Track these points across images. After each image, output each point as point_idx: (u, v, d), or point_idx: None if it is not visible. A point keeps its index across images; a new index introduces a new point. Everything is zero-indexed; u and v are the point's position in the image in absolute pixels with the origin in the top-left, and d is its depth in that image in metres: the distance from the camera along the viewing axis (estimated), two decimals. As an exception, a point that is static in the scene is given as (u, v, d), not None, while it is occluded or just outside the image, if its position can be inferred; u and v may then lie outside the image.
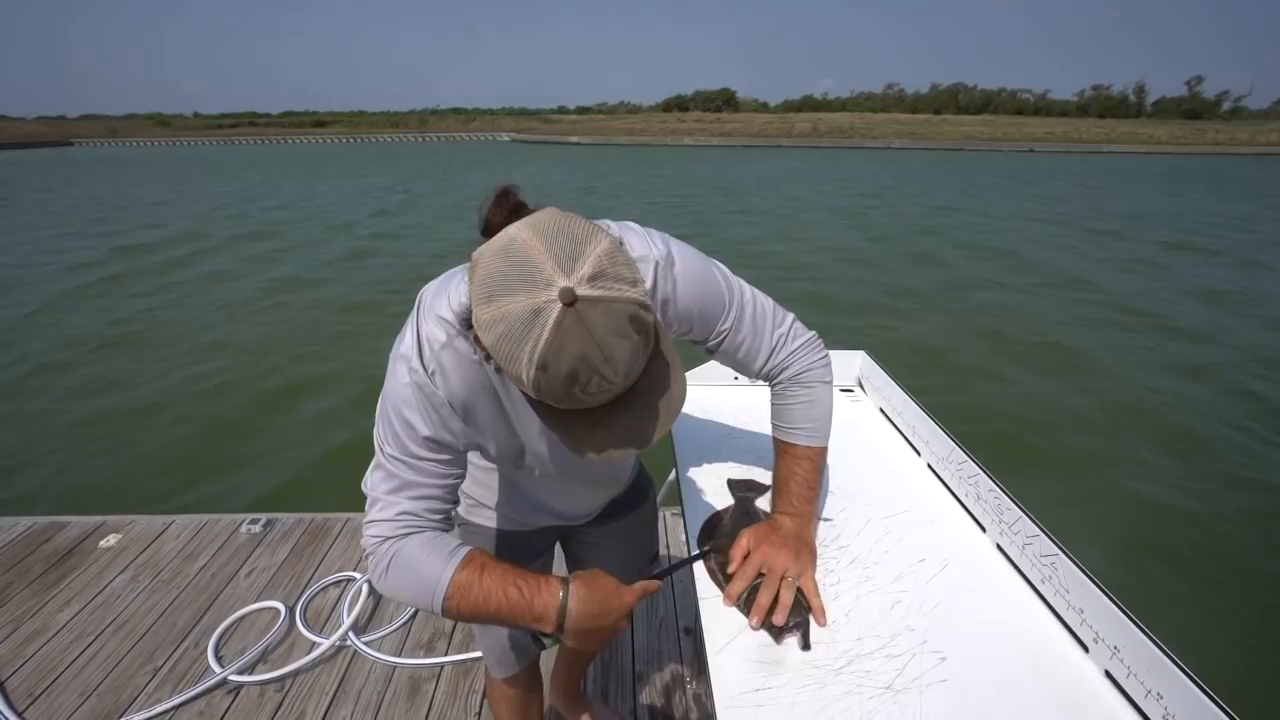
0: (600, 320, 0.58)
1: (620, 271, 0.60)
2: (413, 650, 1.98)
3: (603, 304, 0.58)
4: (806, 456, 0.97)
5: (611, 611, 0.79)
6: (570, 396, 0.61)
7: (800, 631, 0.84)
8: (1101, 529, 3.33)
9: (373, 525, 0.78)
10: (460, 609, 0.76)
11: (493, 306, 0.59)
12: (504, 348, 0.60)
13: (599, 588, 0.79)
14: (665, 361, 0.68)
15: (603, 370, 0.59)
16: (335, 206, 16.27)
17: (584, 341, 0.58)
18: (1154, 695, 0.72)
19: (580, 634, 0.78)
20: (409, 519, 0.77)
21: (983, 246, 10.88)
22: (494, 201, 0.70)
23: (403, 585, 0.76)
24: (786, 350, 0.95)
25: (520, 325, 0.58)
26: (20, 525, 2.57)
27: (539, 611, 0.76)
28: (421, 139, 75.03)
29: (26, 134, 77.80)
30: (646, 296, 0.63)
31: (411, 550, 0.76)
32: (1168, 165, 34.81)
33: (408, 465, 0.77)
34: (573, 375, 0.59)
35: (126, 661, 1.93)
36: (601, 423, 0.66)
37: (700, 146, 53.18)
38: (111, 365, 5.63)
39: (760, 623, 0.86)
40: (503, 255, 0.60)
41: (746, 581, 0.90)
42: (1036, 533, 0.93)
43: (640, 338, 0.62)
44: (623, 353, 0.60)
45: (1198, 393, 5.10)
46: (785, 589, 0.88)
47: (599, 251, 0.60)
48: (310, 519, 2.60)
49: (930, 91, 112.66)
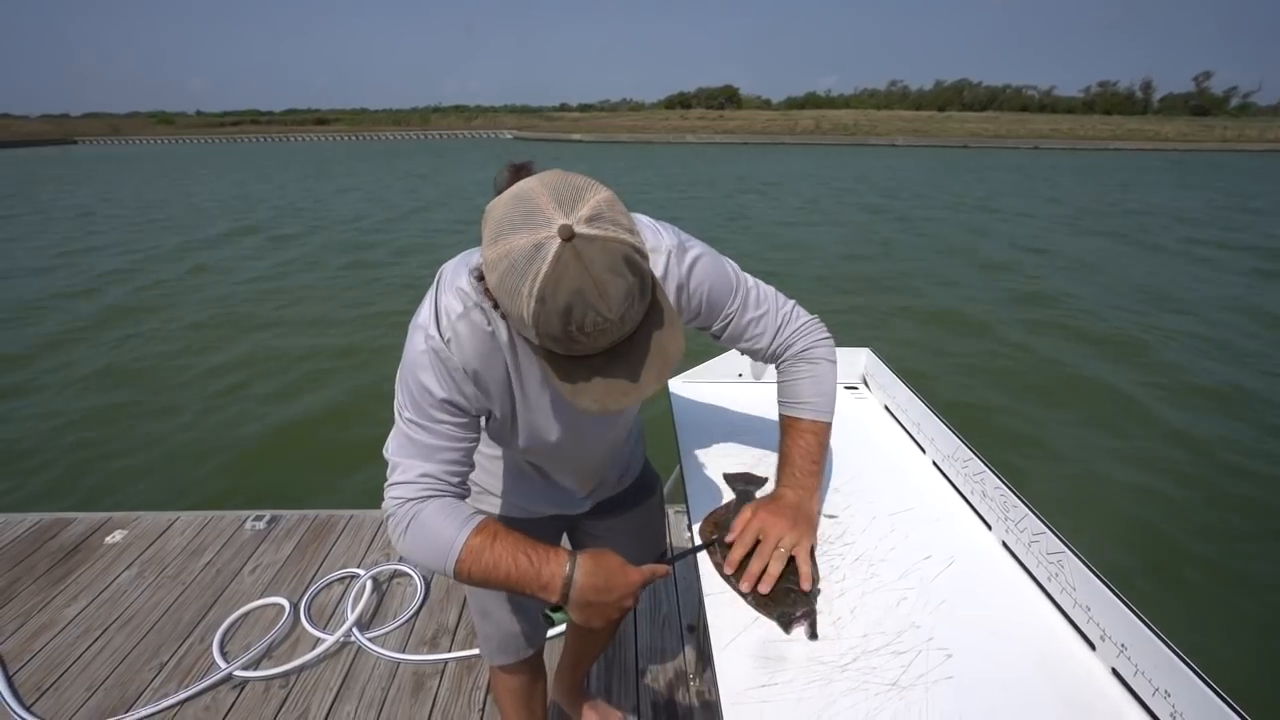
0: (597, 257, 0.61)
1: (617, 218, 0.64)
2: (417, 646, 1.98)
3: (599, 241, 0.62)
4: (810, 431, 1.00)
5: (617, 589, 0.80)
6: (568, 336, 0.64)
7: (808, 621, 0.85)
8: (1108, 525, 3.32)
9: (394, 488, 0.81)
10: (471, 572, 0.79)
11: (498, 245, 0.64)
12: (507, 282, 0.63)
13: (605, 564, 0.81)
14: (662, 316, 0.71)
15: (598, 305, 0.62)
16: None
17: (580, 276, 0.61)
18: (1162, 693, 0.72)
19: (584, 607, 0.80)
20: (429, 481, 0.81)
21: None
22: (508, 174, 0.74)
23: (419, 546, 0.80)
24: (790, 329, 0.99)
25: (522, 259, 0.62)
26: (27, 521, 2.59)
27: (545, 580, 0.79)
28: (424, 136, 75.07)
29: (30, 132, 78.13)
30: (643, 245, 0.67)
31: (430, 514, 0.79)
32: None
33: (425, 429, 0.80)
34: (569, 309, 0.62)
35: (133, 657, 1.94)
36: (599, 371, 0.69)
37: (703, 144, 53.08)
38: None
39: (750, 588, 0.89)
40: (510, 202, 0.65)
41: (745, 548, 0.93)
42: (1043, 530, 0.93)
43: (635, 279, 0.65)
44: (617, 290, 0.63)
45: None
46: (775, 560, 0.90)
47: (598, 198, 0.64)
48: (314, 515, 2.61)
49: (935, 88, 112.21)
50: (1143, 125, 62.53)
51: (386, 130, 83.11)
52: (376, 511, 2.61)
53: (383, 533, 2.50)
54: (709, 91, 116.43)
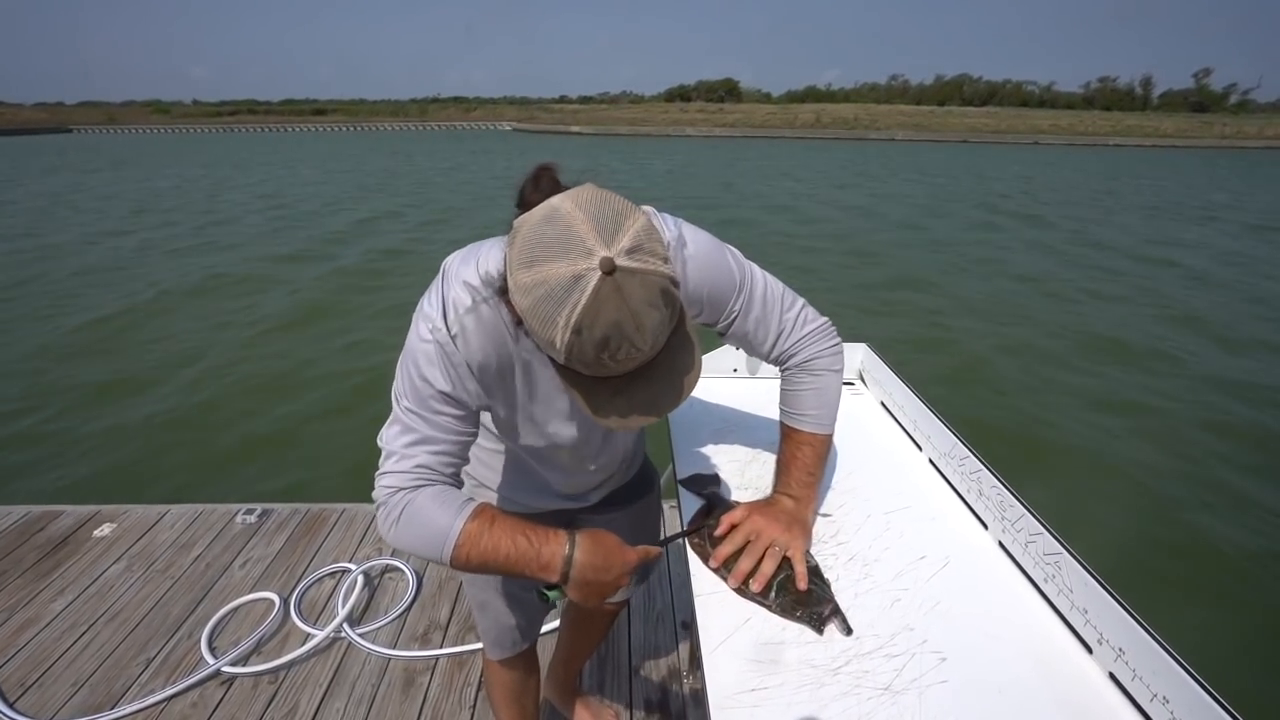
0: (636, 291, 0.61)
1: (655, 248, 0.64)
2: (407, 643, 1.97)
3: (639, 275, 0.62)
4: (809, 443, 0.99)
5: (614, 567, 0.82)
6: (599, 362, 0.64)
7: (839, 618, 0.84)
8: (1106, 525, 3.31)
9: (386, 476, 0.79)
10: (470, 557, 0.78)
11: (534, 271, 0.62)
12: (542, 309, 0.62)
13: (603, 543, 0.82)
14: (686, 338, 0.72)
15: (634, 338, 0.63)
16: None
17: (619, 309, 0.61)
18: (1160, 699, 0.70)
19: (583, 585, 0.80)
20: (423, 472, 0.79)
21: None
22: (532, 179, 0.72)
23: (413, 535, 0.78)
24: (796, 335, 0.97)
25: (560, 289, 0.61)
26: (14, 514, 2.56)
27: (545, 560, 0.79)
28: (422, 127, 74.68)
29: (25, 120, 77.41)
30: (677, 275, 0.67)
31: (423, 502, 0.78)
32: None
33: (423, 419, 0.79)
34: (604, 341, 0.62)
35: (120, 652, 1.92)
36: (623, 391, 0.69)
37: (703, 137, 52.90)
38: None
39: (738, 584, 0.89)
40: (546, 223, 0.63)
41: (734, 546, 0.93)
42: (1040, 530, 0.91)
43: (668, 311, 0.65)
44: (653, 323, 0.63)
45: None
46: (769, 558, 0.91)
47: (637, 227, 0.63)
48: (306, 509, 2.59)
49: (935, 83, 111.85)
50: (1142, 121, 62.37)
51: (384, 121, 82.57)
52: (369, 506, 2.57)
53: (375, 527, 2.47)
54: (709, 84, 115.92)
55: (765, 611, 0.87)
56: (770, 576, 0.89)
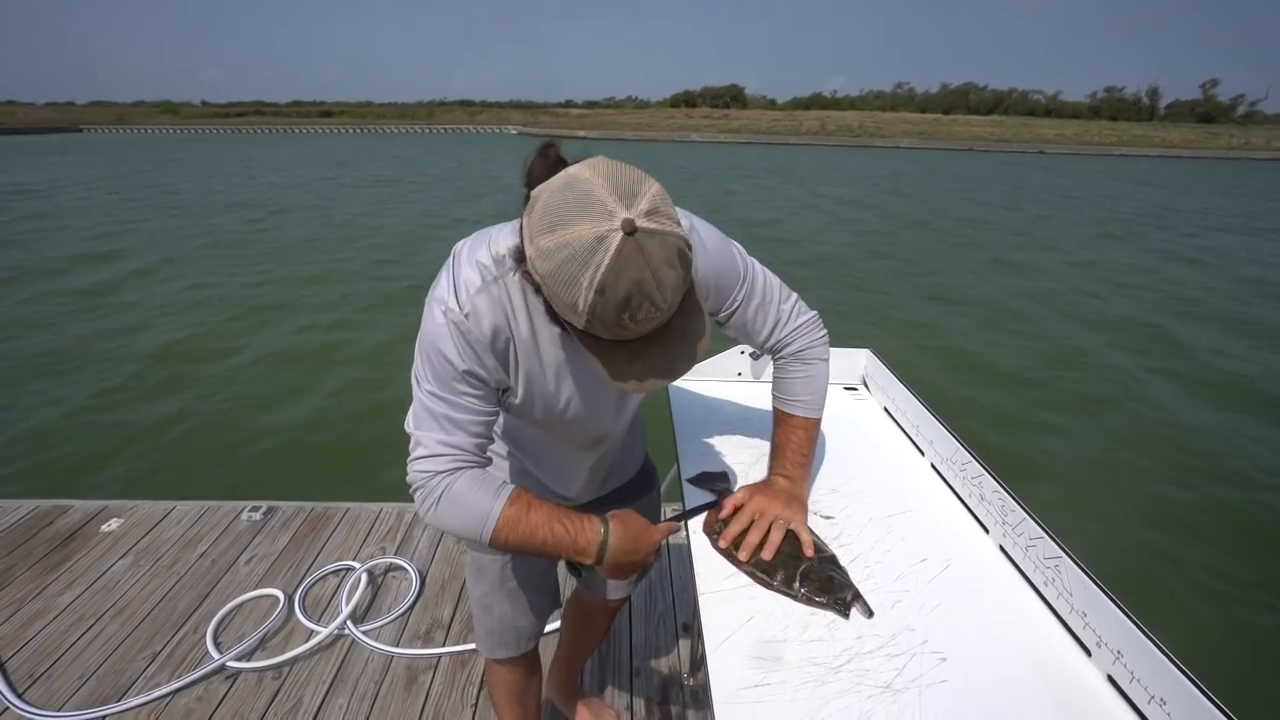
0: (656, 250, 0.64)
1: (670, 211, 0.67)
2: (410, 641, 1.98)
3: (658, 235, 0.64)
4: (802, 426, 1.06)
5: (643, 547, 0.89)
6: (619, 324, 0.66)
7: (860, 602, 0.88)
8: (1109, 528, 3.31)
9: (419, 461, 0.83)
10: (509, 540, 0.84)
11: (556, 235, 0.64)
12: (565, 271, 0.64)
13: (633, 525, 0.89)
14: (696, 304, 0.75)
15: (654, 297, 0.65)
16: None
17: (641, 268, 0.63)
18: (1158, 701, 0.71)
19: (615, 567, 0.88)
20: (455, 453, 0.83)
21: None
22: (537, 156, 0.74)
23: (453, 517, 0.83)
24: (790, 326, 1.03)
25: (584, 250, 0.63)
26: (23, 508, 2.59)
27: (582, 546, 0.86)
28: (428, 130, 74.98)
29: (36, 119, 78.03)
30: (690, 239, 0.70)
31: (462, 485, 0.83)
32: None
33: (446, 401, 0.82)
34: (626, 300, 0.64)
35: (126, 646, 1.94)
36: (638, 355, 0.72)
37: (707, 143, 52.99)
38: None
39: (749, 557, 0.95)
40: (566, 189, 0.65)
41: (741, 525, 0.99)
42: (1040, 535, 0.92)
43: (684, 271, 0.68)
44: (671, 282, 0.66)
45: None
46: (775, 529, 0.97)
47: (653, 191, 0.66)
48: (310, 508, 2.60)
49: (940, 91, 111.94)
50: (1148, 131, 62.33)
51: (391, 124, 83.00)
52: (373, 505, 2.61)
53: (379, 526, 2.49)
54: (714, 90, 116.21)
55: (767, 609, 0.88)
56: (779, 545, 0.95)
